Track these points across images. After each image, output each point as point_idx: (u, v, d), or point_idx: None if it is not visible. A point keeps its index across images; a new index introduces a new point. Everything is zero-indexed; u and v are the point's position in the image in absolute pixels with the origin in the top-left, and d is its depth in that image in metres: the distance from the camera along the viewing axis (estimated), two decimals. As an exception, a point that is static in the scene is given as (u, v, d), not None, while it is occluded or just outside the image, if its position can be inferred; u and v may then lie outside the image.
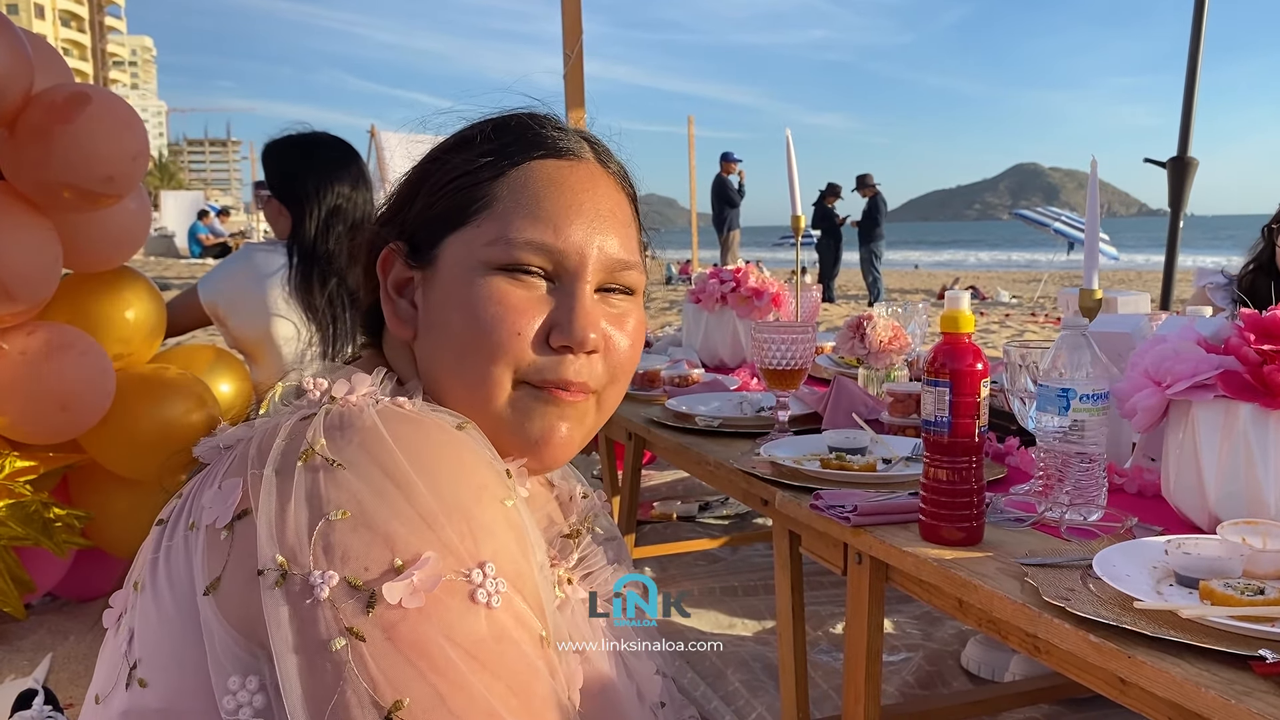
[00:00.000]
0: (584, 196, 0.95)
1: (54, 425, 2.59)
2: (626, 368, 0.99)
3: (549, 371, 0.92)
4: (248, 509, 0.77)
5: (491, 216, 0.93)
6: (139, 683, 0.81)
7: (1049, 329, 11.28)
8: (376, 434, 0.79)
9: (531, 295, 0.92)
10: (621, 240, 0.97)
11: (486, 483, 0.80)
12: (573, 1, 4.17)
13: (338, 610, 0.71)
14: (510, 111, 1.01)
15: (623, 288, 0.98)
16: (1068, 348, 1.45)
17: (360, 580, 0.72)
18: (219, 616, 0.77)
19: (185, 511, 0.84)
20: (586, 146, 1.00)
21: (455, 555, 0.74)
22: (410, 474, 0.76)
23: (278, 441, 0.80)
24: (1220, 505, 1.35)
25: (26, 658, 2.72)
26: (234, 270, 3.05)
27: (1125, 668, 1.03)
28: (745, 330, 2.99)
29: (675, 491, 4.16)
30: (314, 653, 0.71)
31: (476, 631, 0.73)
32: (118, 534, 2.94)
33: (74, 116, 2.45)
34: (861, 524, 1.47)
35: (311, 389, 0.87)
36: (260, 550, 0.74)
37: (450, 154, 0.98)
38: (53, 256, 2.57)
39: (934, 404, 1.33)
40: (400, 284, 0.99)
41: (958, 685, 2.57)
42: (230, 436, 0.88)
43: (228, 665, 0.76)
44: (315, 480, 0.76)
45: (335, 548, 0.73)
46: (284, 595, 0.73)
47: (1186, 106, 4.60)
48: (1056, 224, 16.73)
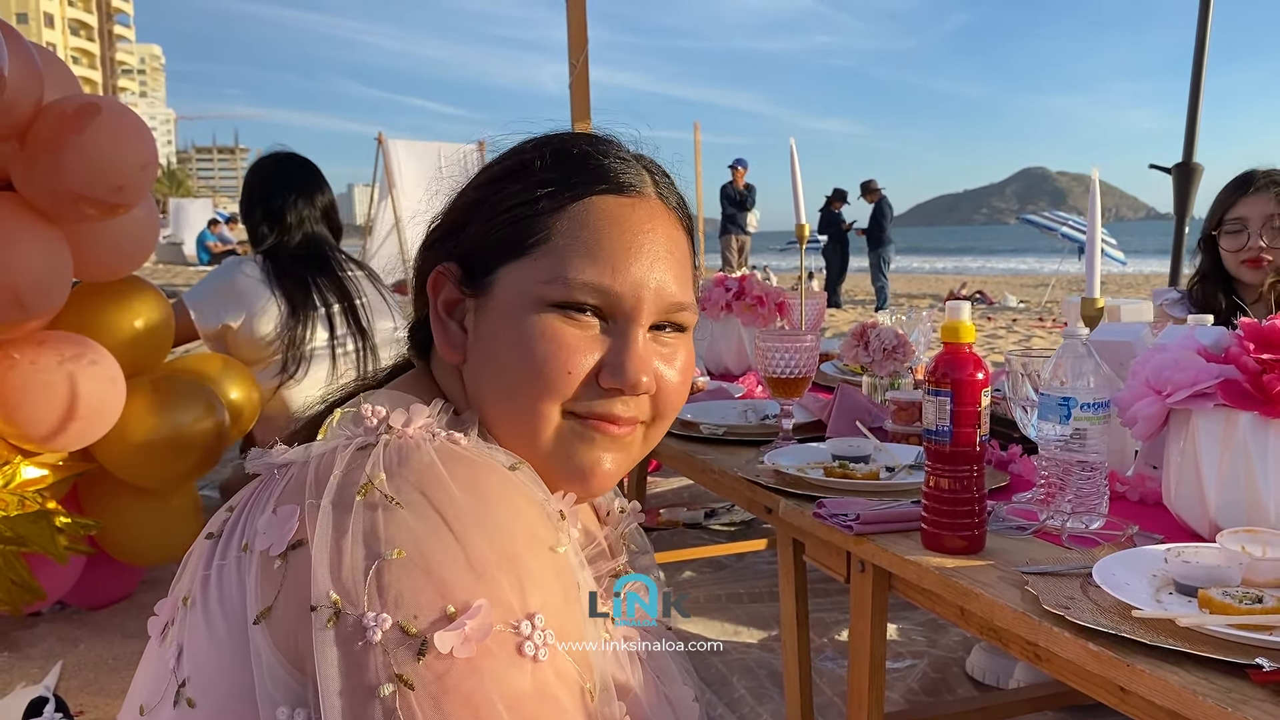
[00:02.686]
0: (644, 238, 0.94)
1: (64, 434, 2.61)
2: (675, 404, 0.98)
3: (598, 406, 0.92)
4: (303, 539, 0.77)
5: (549, 251, 0.92)
6: (187, 702, 0.81)
7: (1056, 334, 11.26)
8: (435, 474, 0.79)
9: (585, 335, 0.91)
10: (678, 279, 0.95)
11: (538, 530, 0.80)
12: (578, 11, 4.18)
13: (389, 655, 0.71)
14: (569, 132, 1.00)
15: (675, 325, 0.97)
16: (1069, 356, 1.46)
17: (413, 627, 0.72)
18: (270, 645, 0.77)
19: (238, 530, 0.84)
20: (648, 179, 0.98)
21: (505, 606, 0.74)
22: (466, 519, 0.76)
23: (335, 472, 0.80)
24: (1221, 513, 1.36)
25: (37, 665, 2.73)
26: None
27: (1124, 676, 1.04)
28: (750, 338, 3.00)
29: (681, 498, 4.17)
30: (361, 696, 0.71)
31: (521, 686, 0.73)
32: (127, 542, 2.96)
33: (84, 127, 2.47)
34: (864, 532, 1.48)
35: (369, 416, 0.86)
36: (315, 585, 0.74)
37: (508, 181, 0.97)
38: (63, 266, 2.59)
39: (935, 413, 1.34)
40: (450, 305, 0.98)
41: (963, 692, 2.57)
42: (286, 457, 0.87)
43: (277, 695, 0.76)
44: (374, 518, 0.76)
45: (389, 589, 0.73)
46: (336, 635, 0.73)
47: (1191, 112, 4.60)
48: (1064, 228, 16.69)
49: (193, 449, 2.87)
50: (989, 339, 10.68)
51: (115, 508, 2.93)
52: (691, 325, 0.99)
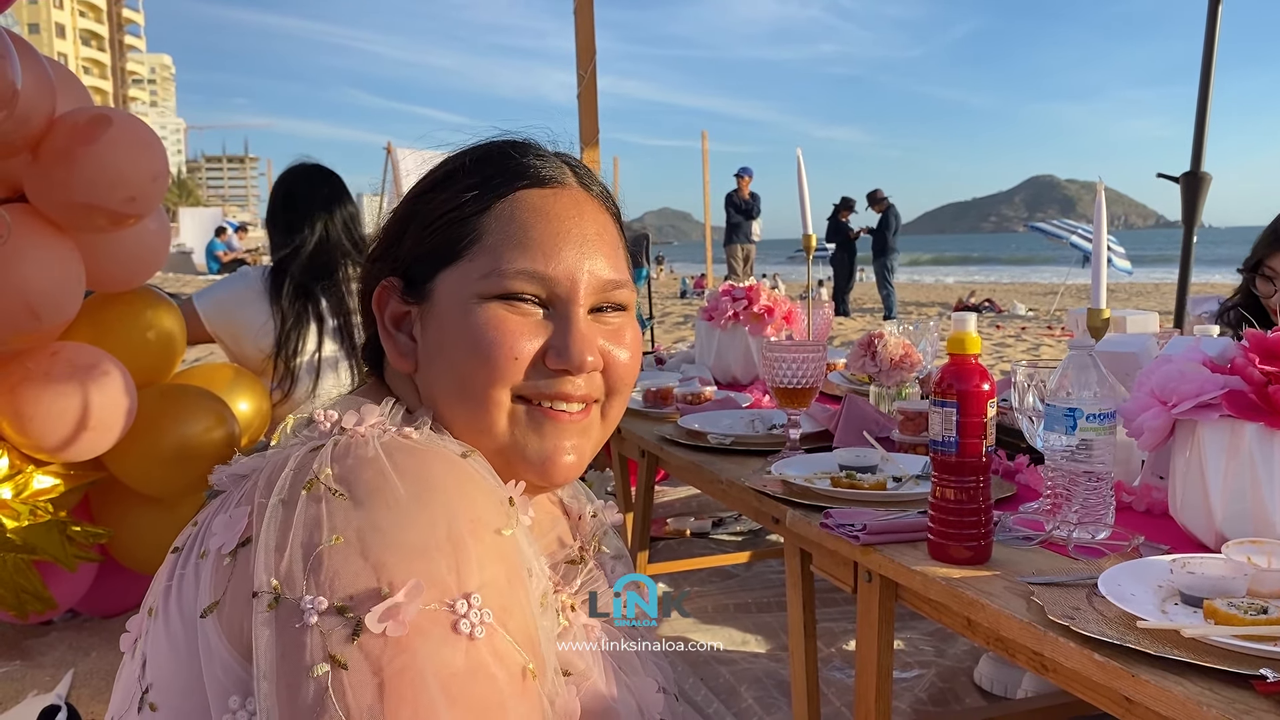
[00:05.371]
0: (570, 223, 0.98)
1: (77, 444, 2.62)
2: (628, 380, 1.01)
3: (548, 388, 0.95)
4: (250, 537, 0.80)
5: (482, 250, 0.96)
6: (150, 707, 0.83)
7: (1065, 343, 11.23)
8: (378, 465, 0.81)
9: (527, 321, 0.95)
10: (610, 261, 0.99)
11: (483, 514, 0.82)
12: (586, 22, 4.20)
13: (325, 637, 0.73)
14: (489, 140, 1.04)
15: (615, 305, 1.01)
16: (1075, 367, 1.46)
17: (347, 607, 0.74)
18: (220, 637, 0.79)
19: (198, 540, 0.87)
20: (568, 171, 1.03)
21: (441, 585, 0.76)
22: (407, 505, 0.78)
23: (285, 471, 0.82)
24: (1227, 524, 1.37)
25: (49, 673, 2.75)
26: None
27: (1129, 686, 1.04)
28: (758, 348, 3.00)
29: (689, 508, 4.17)
30: (296, 676, 0.73)
31: (455, 663, 0.74)
32: (138, 551, 2.97)
33: (96, 138, 2.49)
34: (870, 543, 1.49)
35: (322, 420, 0.89)
36: (257, 574, 0.77)
37: (435, 190, 1.01)
38: (76, 277, 2.62)
39: (941, 424, 1.35)
40: (397, 318, 1.01)
41: (970, 702, 2.57)
42: (245, 466, 0.90)
43: (228, 685, 0.78)
44: (317, 510, 0.78)
45: (326, 573, 0.75)
46: (274, 618, 0.75)
47: (1199, 120, 4.59)
48: (1073, 237, 16.67)
49: (203, 459, 2.88)
50: (997, 347, 10.67)
51: (126, 517, 2.94)
52: (631, 303, 1.03)
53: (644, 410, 2.68)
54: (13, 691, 2.65)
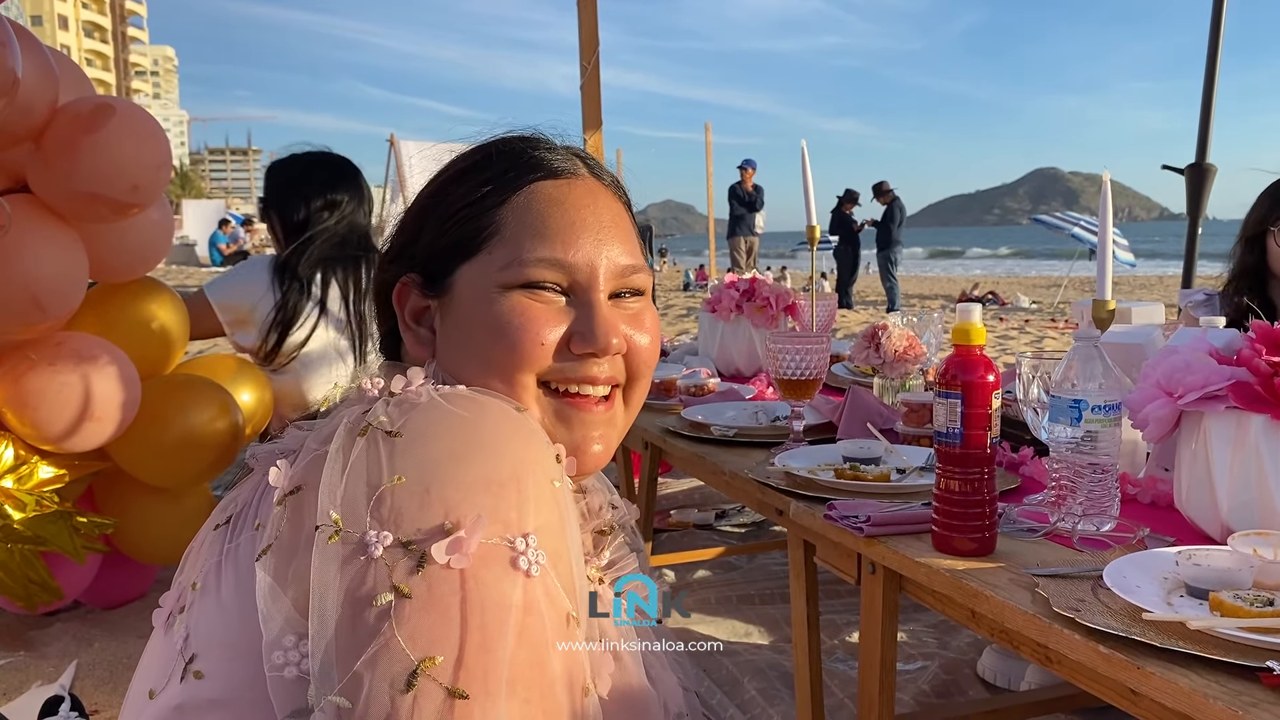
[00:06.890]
0: (586, 212, 1.00)
1: (81, 435, 2.63)
2: (649, 363, 1.04)
3: (574, 371, 0.97)
4: (302, 484, 0.82)
5: (501, 242, 0.98)
6: (194, 674, 0.84)
7: (1069, 335, 11.22)
8: (436, 408, 0.83)
9: (550, 309, 0.97)
10: (626, 247, 1.02)
11: (540, 460, 0.83)
12: (589, 14, 4.19)
13: (390, 569, 0.75)
14: (499, 137, 1.06)
15: (633, 290, 1.03)
16: (1080, 359, 1.46)
17: (412, 541, 0.75)
18: (273, 581, 0.80)
19: (253, 510, 0.88)
20: (579, 162, 1.05)
21: (504, 521, 0.77)
22: (467, 443, 0.80)
23: (340, 427, 0.84)
24: (1232, 516, 1.36)
25: (52, 664, 2.75)
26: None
27: (1134, 678, 1.04)
28: (761, 339, 3.00)
29: (692, 499, 4.17)
30: (359, 606, 0.74)
31: (512, 598, 0.76)
32: (143, 542, 2.97)
33: (99, 127, 2.48)
34: (874, 534, 1.49)
35: (370, 388, 0.91)
36: (320, 509, 0.78)
37: (450, 187, 1.03)
38: (80, 267, 2.61)
39: (946, 416, 1.34)
40: (417, 313, 1.03)
41: (974, 694, 2.57)
42: (290, 439, 0.92)
43: (283, 625, 0.79)
44: (375, 452, 0.80)
45: (390, 511, 0.77)
46: (337, 550, 0.76)
47: (1205, 112, 4.58)
48: (1074, 229, 16.63)
49: (207, 449, 2.89)
50: (1001, 340, 10.65)
51: (130, 507, 2.95)
52: (648, 288, 1.05)
53: (647, 402, 2.67)
54: (17, 682, 2.65)
